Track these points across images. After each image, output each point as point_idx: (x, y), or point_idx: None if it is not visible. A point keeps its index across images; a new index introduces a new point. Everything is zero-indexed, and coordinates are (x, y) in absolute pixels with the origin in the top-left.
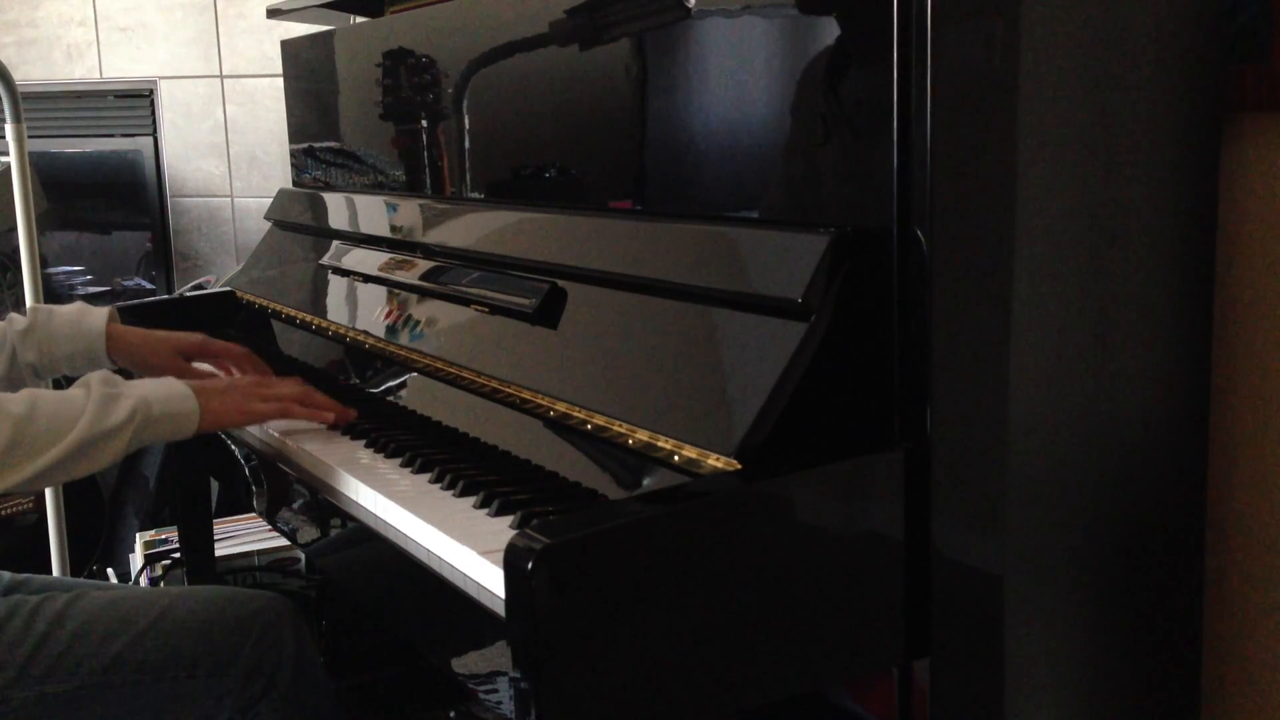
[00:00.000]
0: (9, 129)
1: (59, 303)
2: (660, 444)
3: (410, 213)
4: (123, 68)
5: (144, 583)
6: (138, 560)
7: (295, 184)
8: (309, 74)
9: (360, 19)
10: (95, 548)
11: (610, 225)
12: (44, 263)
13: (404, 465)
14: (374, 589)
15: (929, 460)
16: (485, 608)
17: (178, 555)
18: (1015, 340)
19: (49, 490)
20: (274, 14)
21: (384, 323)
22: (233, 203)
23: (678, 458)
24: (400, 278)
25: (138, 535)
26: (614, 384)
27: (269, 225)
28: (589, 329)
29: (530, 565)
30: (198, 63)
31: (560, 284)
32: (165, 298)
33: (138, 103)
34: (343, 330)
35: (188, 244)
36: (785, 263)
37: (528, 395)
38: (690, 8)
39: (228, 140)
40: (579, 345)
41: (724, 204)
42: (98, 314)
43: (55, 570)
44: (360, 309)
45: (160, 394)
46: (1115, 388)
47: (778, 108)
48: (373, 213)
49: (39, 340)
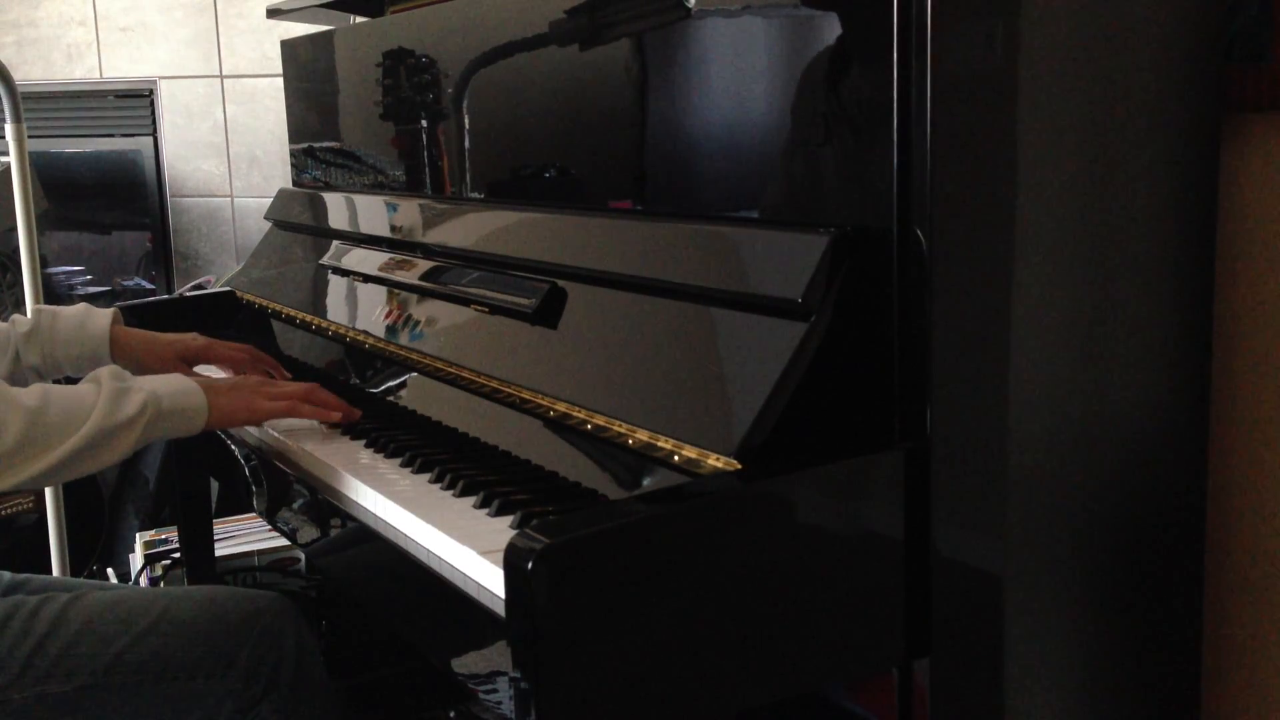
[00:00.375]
0: (9, 129)
1: (59, 303)
2: (660, 444)
3: (410, 213)
4: (123, 68)
5: (144, 583)
6: (138, 560)
7: (295, 184)
8: (309, 74)
9: (360, 19)
10: (95, 548)
11: (610, 225)
12: (44, 263)
13: (404, 465)
14: (374, 589)
15: (929, 460)
16: (485, 608)
17: (178, 555)
18: (1015, 340)
19: (49, 490)
20: (274, 14)
21: (384, 323)
22: (233, 203)
23: (678, 458)
24: (400, 278)
25: (138, 535)
26: (614, 384)
27: (269, 225)
28: (589, 329)
29: (530, 565)
30: (198, 63)
31: (560, 284)
32: (165, 298)
33: (138, 103)
34: (343, 330)
35: (188, 244)
36: (785, 262)
37: (528, 395)
38: (690, 8)
39: (228, 140)
40: (579, 345)
41: (724, 204)
42: (101, 316)
43: (55, 570)
44: (360, 309)
45: (169, 389)
46: (1115, 388)
47: (777, 107)
48: (373, 213)
49: (42, 343)
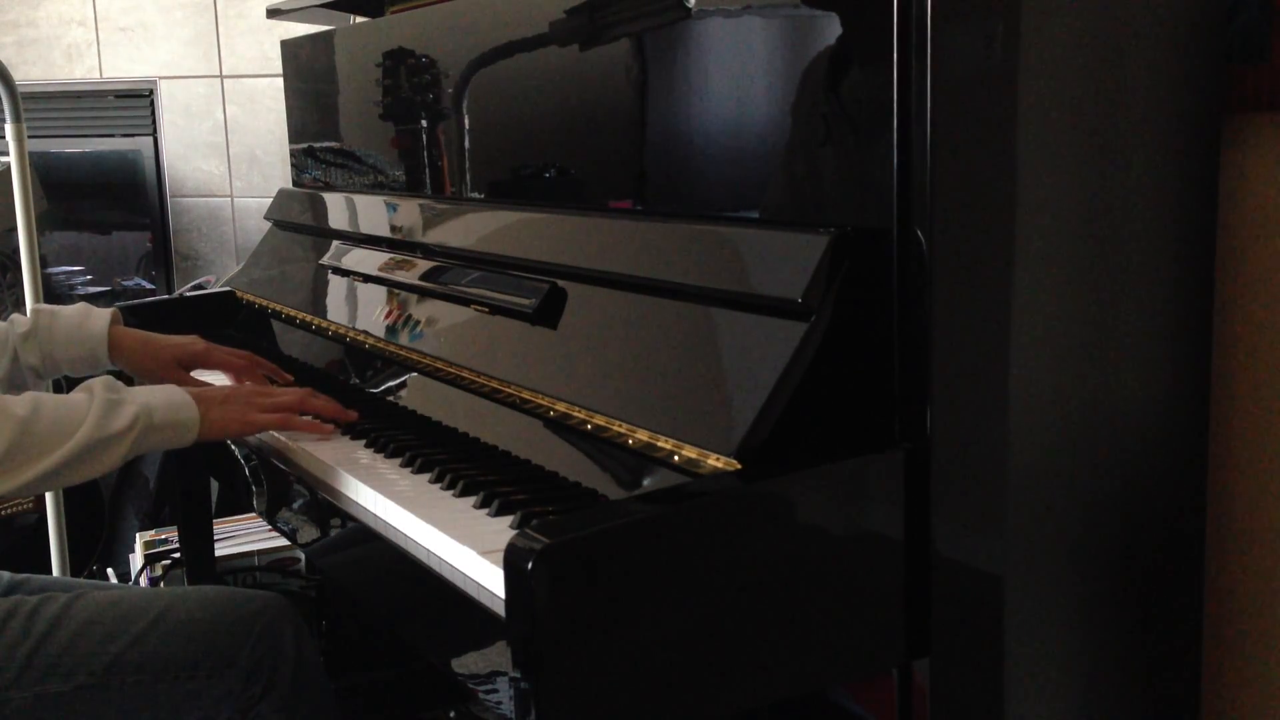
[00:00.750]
0: (9, 129)
1: (59, 303)
2: (660, 444)
3: (410, 213)
4: (123, 68)
5: (144, 583)
6: (138, 560)
7: (295, 184)
8: (309, 74)
9: (360, 19)
10: (95, 548)
11: (610, 225)
12: (44, 263)
13: (404, 465)
14: (374, 589)
15: (929, 460)
16: (485, 608)
17: (178, 555)
18: (1015, 340)
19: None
20: (274, 14)
21: (384, 323)
22: (233, 203)
23: (678, 458)
24: (400, 278)
25: (138, 535)
26: (614, 384)
27: (269, 225)
28: (589, 329)
29: (530, 565)
30: (198, 63)
31: (560, 284)
32: (165, 298)
33: (138, 103)
34: (343, 330)
35: (188, 244)
36: (785, 263)
37: (528, 395)
38: (690, 8)
39: (228, 140)
40: (579, 345)
41: (724, 204)
42: (100, 317)
43: (55, 570)
44: (360, 309)
45: (162, 401)
46: (1115, 388)
47: (778, 108)
48: (372, 213)
49: (41, 343)
